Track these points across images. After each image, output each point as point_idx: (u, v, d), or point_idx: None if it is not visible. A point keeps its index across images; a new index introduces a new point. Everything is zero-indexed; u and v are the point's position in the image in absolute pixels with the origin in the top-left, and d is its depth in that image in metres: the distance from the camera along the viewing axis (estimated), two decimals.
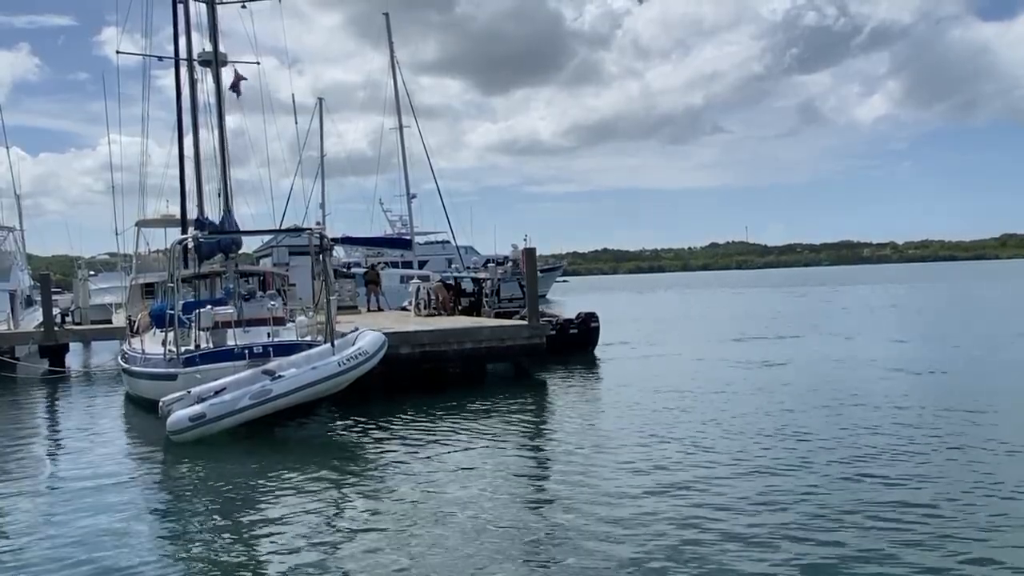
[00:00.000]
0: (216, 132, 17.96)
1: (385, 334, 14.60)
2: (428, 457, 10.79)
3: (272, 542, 7.58)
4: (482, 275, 29.38)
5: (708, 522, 7.57)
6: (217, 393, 12.43)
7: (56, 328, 23.98)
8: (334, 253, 32.55)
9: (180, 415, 12.02)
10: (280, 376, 12.67)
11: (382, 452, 11.35)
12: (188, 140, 20.74)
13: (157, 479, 10.50)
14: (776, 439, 11.07)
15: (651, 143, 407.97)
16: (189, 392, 12.57)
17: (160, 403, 12.68)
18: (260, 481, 9.86)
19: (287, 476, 9.99)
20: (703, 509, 7.98)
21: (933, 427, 11.46)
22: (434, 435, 12.23)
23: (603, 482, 9.18)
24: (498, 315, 23.51)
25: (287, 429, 12.90)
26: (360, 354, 13.26)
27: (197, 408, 12.09)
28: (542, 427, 13.19)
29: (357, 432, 12.85)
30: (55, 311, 25.36)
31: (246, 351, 13.76)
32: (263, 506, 8.83)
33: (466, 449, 11.24)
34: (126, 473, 10.79)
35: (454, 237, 46.70)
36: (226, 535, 7.92)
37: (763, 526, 7.41)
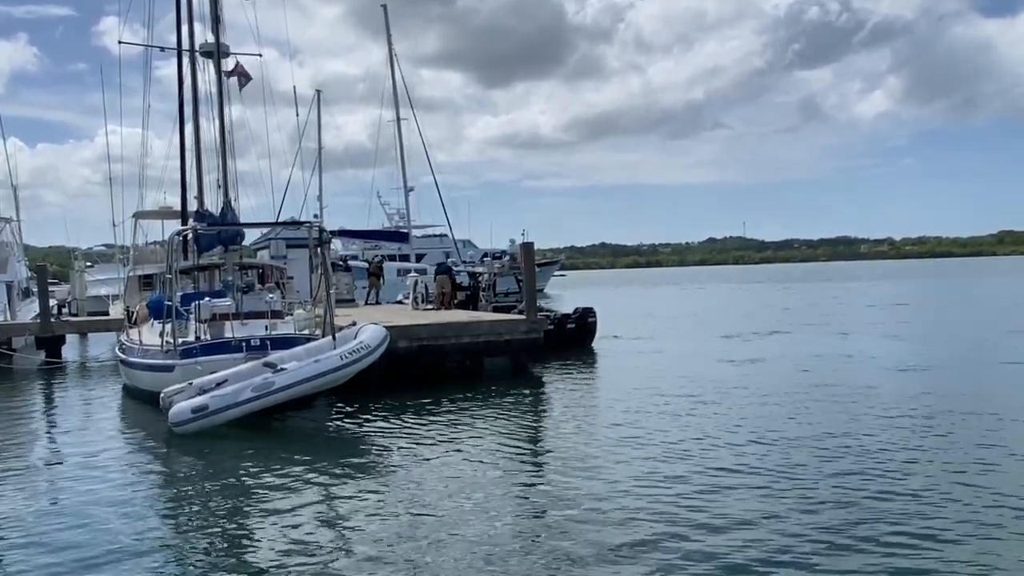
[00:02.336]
0: (217, 123, 17.94)
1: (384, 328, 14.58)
2: (427, 451, 10.82)
3: (272, 534, 7.60)
4: (479, 269, 29.36)
5: (705, 517, 7.61)
6: (219, 385, 12.42)
7: (53, 320, 23.95)
8: (332, 246, 32.51)
9: (182, 407, 12.02)
10: (282, 369, 12.67)
11: (382, 446, 11.37)
12: (189, 131, 20.70)
13: (157, 471, 10.51)
14: (773, 433, 11.09)
15: (651, 138, 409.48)
16: (191, 384, 12.57)
17: (161, 395, 12.68)
18: (260, 473, 9.88)
19: (287, 468, 10.01)
20: (701, 504, 8.01)
21: (926, 422, 11.53)
22: (433, 429, 12.24)
23: (601, 477, 9.21)
24: (495, 310, 23.49)
25: (286, 422, 12.91)
26: (362, 348, 13.25)
27: (199, 400, 12.08)
28: (540, 422, 13.21)
29: (357, 426, 12.87)
30: (51, 303, 25.32)
31: (244, 344, 13.75)
32: (263, 498, 8.85)
33: (465, 444, 11.24)
34: (125, 465, 10.79)
35: (452, 231, 46.68)
36: (227, 527, 7.93)
37: (761, 521, 7.45)
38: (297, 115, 42.60)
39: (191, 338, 14.26)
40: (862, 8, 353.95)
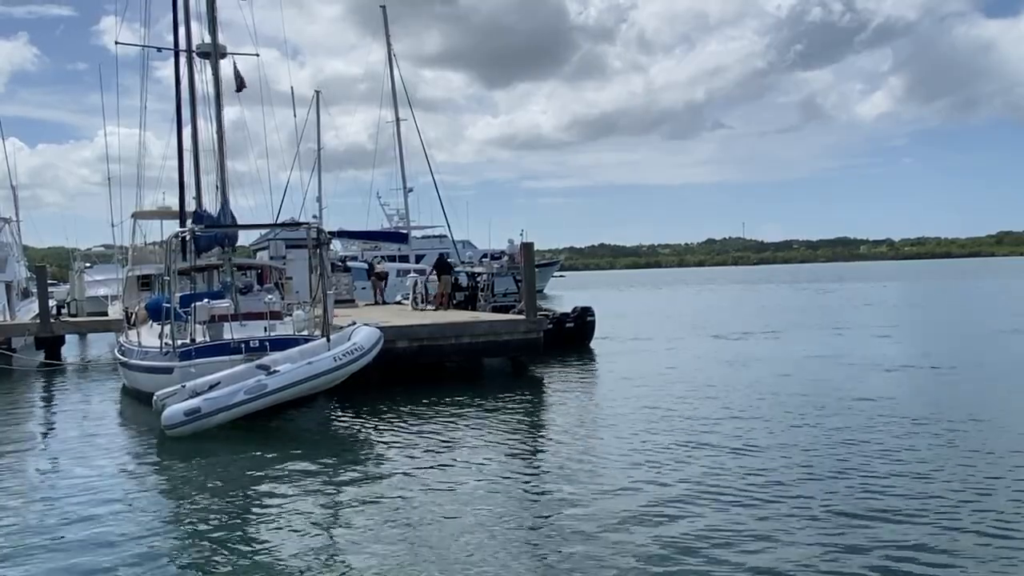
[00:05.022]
0: (214, 124, 17.91)
1: (382, 328, 14.59)
2: (426, 451, 10.80)
3: (268, 536, 7.58)
4: (478, 269, 29.37)
5: (704, 516, 7.59)
6: (212, 388, 12.40)
7: (52, 320, 23.93)
8: (331, 247, 32.58)
9: (175, 410, 11.99)
10: (275, 371, 12.65)
11: (379, 447, 11.35)
12: (187, 132, 20.65)
13: (152, 473, 10.48)
14: (772, 431, 11.08)
15: (652, 138, 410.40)
16: (183, 387, 12.54)
17: (154, 397, 12.65)
18: (256, 475, 9.85)
19: (283, 470, 9.99)
20: (700, 503, 8.00)
21: (922, 422, 11.51)
22: (432, 430, 12.22)
23: (600, 477, 9.19)
24: (494, 310, 23.48)
25: (283, 423, 12.89)
26: (355, 349, 13.24)
27: (192, 403, 12.05)
28: (539, 422, 13.18)
29: (354, 426, 12.85)
30: (51, 303, 25.30)
31: (242, 345, 13.74)
32: (259, 500, 8.83)
33: (464, 444, 11.23)
34: (122, 466, 10.77)
35: (451, 231, 46.71)
36: (221, 529, 7.90)
37: (760, 518, 7.44)
38: (295, 116, 42.65)
39: (189, 339, 14.24)
40: (865, 8, 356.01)
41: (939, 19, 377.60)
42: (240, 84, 19.21)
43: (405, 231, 50.95)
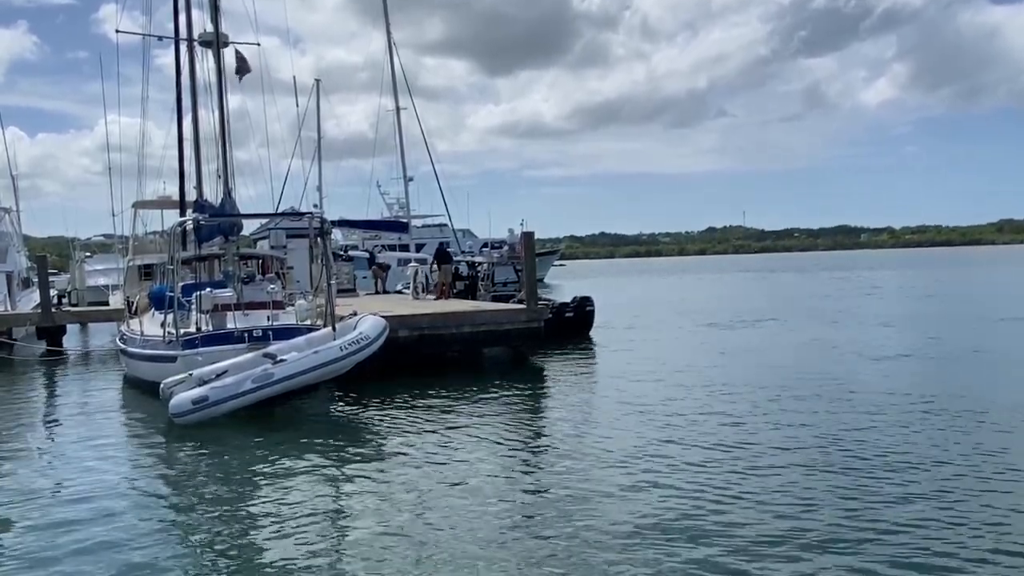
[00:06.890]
0: (216, 114, 17.90)
1: (384, 318, 14.64)
2: (427, 441, 10.87)
3: (273, 524, 7.64)
4: (478, 259, 29.41)
5: (705, 508, 7.66)
6: (219, 376, 12.46)
7: (53, 310, 23.97)
8: (332, 236, 32.59)
9: (182, 398, 12.06)
10: (282, 360, 12.71)
11: (383, 436, 11.42)
12: (188, 120, 20.61)
13: (157, 461, 10.55)
14: (773, 423, 11.14)
15: (654, 127, 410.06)
16: (191, 375, 12.60)
17: (161, 386, 12.71)
18: (261, 464, 9.93)
19: (288, 459, 10.06)
20: (701, 493, 8.06)
21: (924, 417, 11.58)
22: (433, 419, 12.29)
23: (600, 466, 9.26)
24: (494, 299, 23.53)
25: (287, 412, 12.95)
26: (362, 339, 13.30)
27: (199, 391, 12.11)
28: (539, 411, 13.27)
29: (357, 416, 12.92)
30: (51, 293, 25.34)
31: (246, 334, 13.79)
32: (264, 489, 8.90)
33: (465, 434, 11.29)
34: (126, 454, 10.86)
35: (451, 220, 46.70)
36: (227, 517, 7.98)
37: (761, 514, 7.50)
38: (296, 104, 42.51)
39: (193, 328, 14.29)
40: None
41: (944, 5, 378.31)
42: (244, 69, 19.17)
43: (405, 220, 50.90)
